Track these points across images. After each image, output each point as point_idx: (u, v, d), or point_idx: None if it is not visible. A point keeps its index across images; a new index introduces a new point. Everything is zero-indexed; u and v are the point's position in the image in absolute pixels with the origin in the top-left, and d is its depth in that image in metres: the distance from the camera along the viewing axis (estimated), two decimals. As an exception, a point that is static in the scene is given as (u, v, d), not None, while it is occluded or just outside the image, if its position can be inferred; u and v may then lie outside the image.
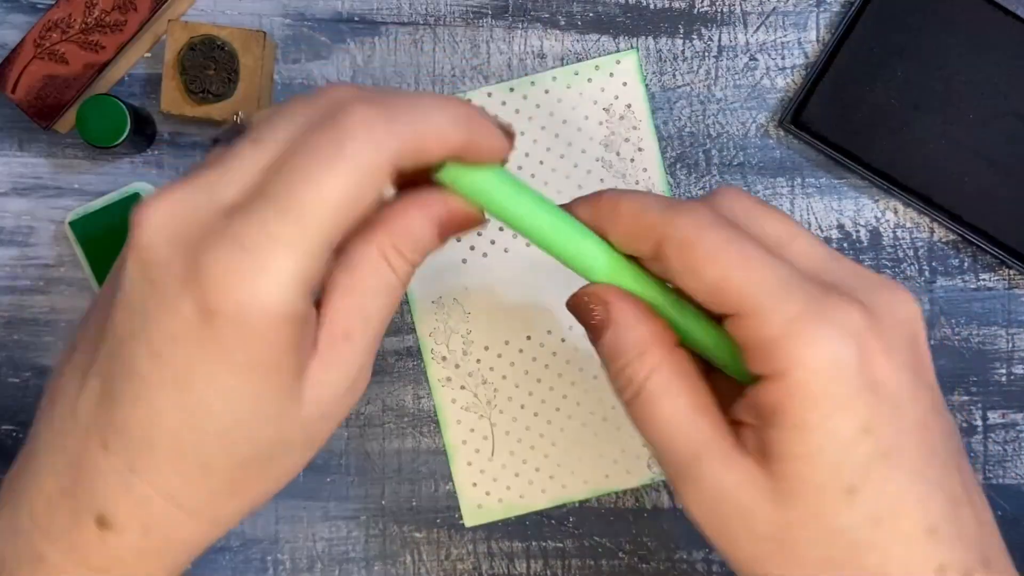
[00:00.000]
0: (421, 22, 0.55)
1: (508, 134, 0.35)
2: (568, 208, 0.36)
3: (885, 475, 0.32)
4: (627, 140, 0.54)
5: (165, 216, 0.31)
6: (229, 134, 0.34)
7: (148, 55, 0.55)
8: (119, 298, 0.32)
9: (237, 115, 0.50)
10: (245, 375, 0.31)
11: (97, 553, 0.33)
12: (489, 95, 0.54)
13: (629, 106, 0.54)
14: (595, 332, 0.36)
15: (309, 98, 0.33)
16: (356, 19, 0.55)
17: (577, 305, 0.36)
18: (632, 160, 0.54)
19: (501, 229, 0.54)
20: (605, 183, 0.54)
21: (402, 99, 0.32)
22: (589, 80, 0.55)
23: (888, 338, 0.32)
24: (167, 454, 0.32)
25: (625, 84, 0.54)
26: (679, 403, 0.34)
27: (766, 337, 0.31)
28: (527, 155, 0.54)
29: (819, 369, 0.31)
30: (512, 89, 0.54)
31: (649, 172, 0.54)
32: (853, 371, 0.31)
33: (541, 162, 0.54)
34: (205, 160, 0.33)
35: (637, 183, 0.54)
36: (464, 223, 0.36)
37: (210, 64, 0.51)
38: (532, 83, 0.54)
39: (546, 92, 0.54)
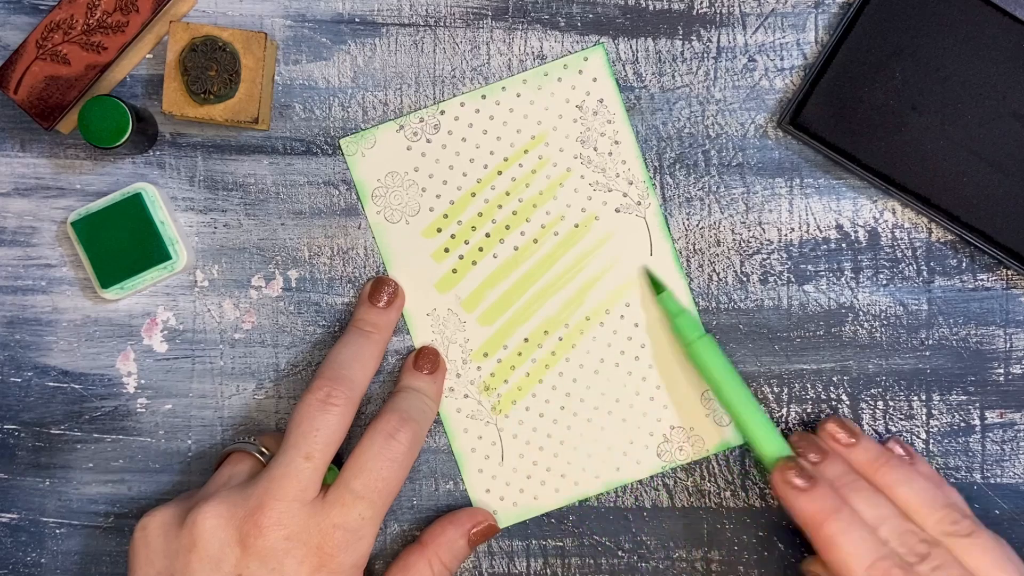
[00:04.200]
0: (421, 23, 0.55)
1: None
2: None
3: None
4: (603, 135, 0.55)
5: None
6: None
7: (150, 56, 0.55)
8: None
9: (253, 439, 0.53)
10: None
11: None
12: (462, 105, 0.55)
13: (601, 100, 0.55)
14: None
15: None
16: (357, 20, 0.55)
17: (807, 574, 0.51)
18: (610, 154, 0.54)
19: (488, 235, 0.55)
20: (585, 179, 0.54)
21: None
22: (559, 79, 0.55)
23: None
24: None
25: (595, 80, 0.55)
26: None
27: None
28: (506, 159, 0.55)
29: None
30: (484, 96, 0.55)
31: (628, 164, 0.54)
32: None
33: (520, 164, 0.55)
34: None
35: (617, 176, 0.54)
36: (487, 532, 0.53)
37: (212, 65, 0.52)
38: (503, 88, 0.55)
39: (518, 96, 0.55)
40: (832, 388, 0.55)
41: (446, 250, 0.55)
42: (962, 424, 0.55)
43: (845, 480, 0.49)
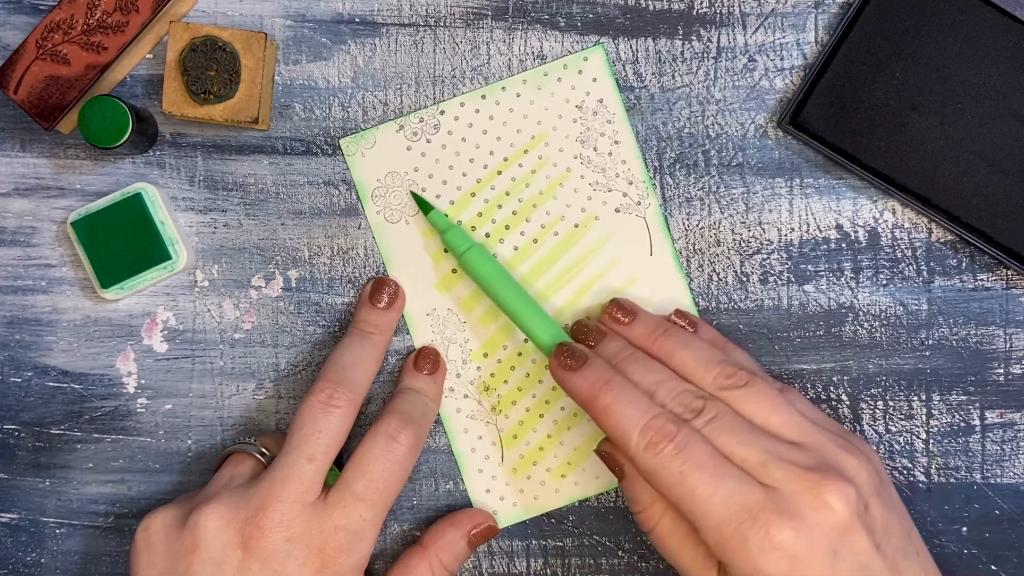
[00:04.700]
0: (421, 23, 0.55)
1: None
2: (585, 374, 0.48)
3: None
4: (603, 135, 0.55)
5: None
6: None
7: (150, 56, 0.55)
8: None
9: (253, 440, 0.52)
10: None
11: None
12: (462, 105, 0.55)
13: (601, 101, 0.55)
14: (616, 475, 0.50)
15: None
16: (357, 20, 0.55)
17: (599, 455, 0.50)
18: (610, 154, 0.54)
19: (488, 235, 0.55)
20: (585, 179, 0.54)
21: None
22: (559, 80, 0.55)
23: (810, 551, 0.43)
24: None
25: (595, 80, 0.55)
26: (679, 542, 0.48)
27: (709, 541, 0.45)
28: (505, 159, 0.55)
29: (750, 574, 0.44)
30: (484, 96, 0.55)
31: (628, 164, 0.54)
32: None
33: (520, 164, 0.55)
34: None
35: (617, 176, 0.54)
36: (487, 533, 0.53)
37: (211, 65, 0.52)
38: (503, 88, 0.55)
39: (517, 95, 0.55)
40: (832, 388, 0.55)
41: (446, 250, 0.55)
42: (962, 424, 0.55)
43: (622, 355, 0.49)
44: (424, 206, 0.53)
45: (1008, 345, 0.55)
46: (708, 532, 0.44)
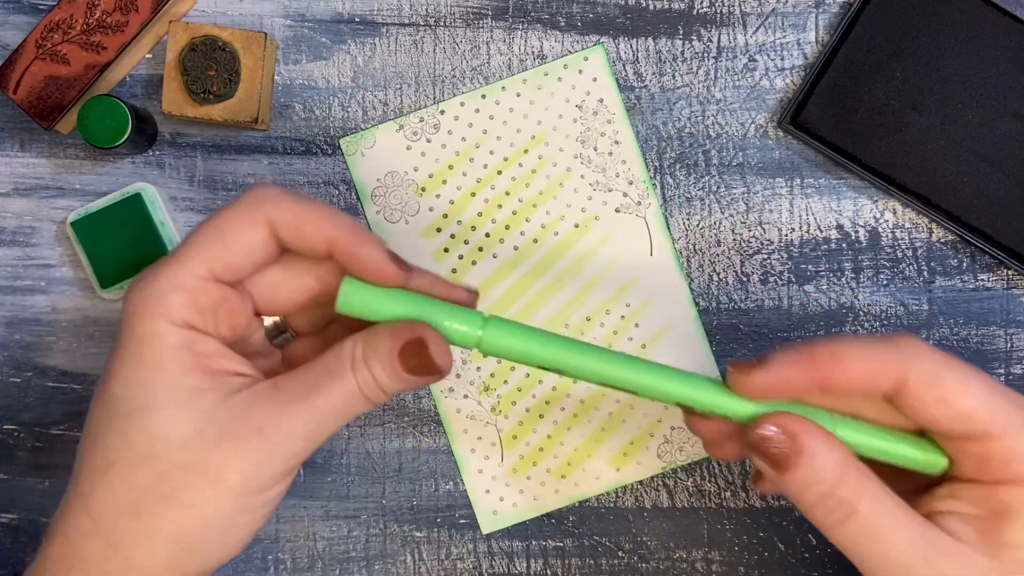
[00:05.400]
0: (421, 23, 0.55)
1: (469, 292, 0.42)
2: (773, 363, 0.38)
3: None
4: (603, 135, 0.55)
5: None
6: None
7: (149, 56, 0.55)
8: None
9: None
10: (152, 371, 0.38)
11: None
12: (462, 104, 0.55)
13: (601, 100, 0.55)
14: (780, 465, 0.38)
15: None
16: (356, 20, 0.55)
17: (759, 441, 0.38)
18: (610, 154, 0.54)
19: (488, 235, 0.55)
20: (585, 179, 0.54)
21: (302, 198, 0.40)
22: (559, 79, 0.55)
23: None
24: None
25: (595, 79, 0.55)
26: (894, 515, 0.37)
27: (1014, 452, 0.37)
28: (506, 159, 0.55)
29: None
30: (484, 96, 0.55)
31: (628, 164, 0.54)
32: None
33: (520, 164, 0.55)
34: None
35: (617, 176, 0.54)
36: (416, 348, 0.39)
37: (211, 65, 0.52)
38: (503, 88, 0.55)
39: (518, 95, 0.55)
40: (832, 388, 0.55)
41: (446, 250, 0.55)
42: (962, 424, 0.54)
43: None
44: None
45: (1009, 345, 0.54)
46: None
